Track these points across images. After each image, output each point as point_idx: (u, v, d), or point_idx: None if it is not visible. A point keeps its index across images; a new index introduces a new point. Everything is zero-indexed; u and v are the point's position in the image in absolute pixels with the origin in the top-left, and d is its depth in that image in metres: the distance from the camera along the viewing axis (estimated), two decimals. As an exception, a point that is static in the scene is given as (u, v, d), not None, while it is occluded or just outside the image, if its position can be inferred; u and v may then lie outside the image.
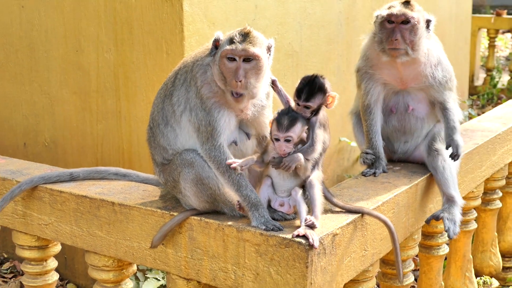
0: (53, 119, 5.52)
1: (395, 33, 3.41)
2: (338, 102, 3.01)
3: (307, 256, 2.63)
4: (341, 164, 6.65)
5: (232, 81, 2.81)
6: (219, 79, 2.87)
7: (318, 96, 2.86)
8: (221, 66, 2.85)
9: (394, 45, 3.41)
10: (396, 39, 3.40)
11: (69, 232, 3.33)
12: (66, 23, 5.26)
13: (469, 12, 9.67)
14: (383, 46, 3.47)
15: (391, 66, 3.53)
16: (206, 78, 2.93)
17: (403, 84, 3.60)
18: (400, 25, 3.42)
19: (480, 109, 11.06)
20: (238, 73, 2.80)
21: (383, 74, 3.59)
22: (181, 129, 3.01)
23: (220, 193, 2.93)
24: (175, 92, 3.02)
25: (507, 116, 4.81)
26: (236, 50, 2.81)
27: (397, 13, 3.41)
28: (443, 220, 3.50)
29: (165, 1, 4.72)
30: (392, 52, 3.44)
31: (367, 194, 3.23)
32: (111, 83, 5.12)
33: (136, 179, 3.48)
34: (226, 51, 2.83)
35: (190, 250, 2.95)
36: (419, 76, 3.55)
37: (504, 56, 15.83)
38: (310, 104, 2.86)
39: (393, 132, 3.72)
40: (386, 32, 3.45)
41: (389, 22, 3.45)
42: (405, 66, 3.51)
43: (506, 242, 5.33)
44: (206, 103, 2.91)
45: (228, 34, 2.92)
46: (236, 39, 2.84)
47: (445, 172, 3.53)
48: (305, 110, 2.87)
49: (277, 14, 5.54)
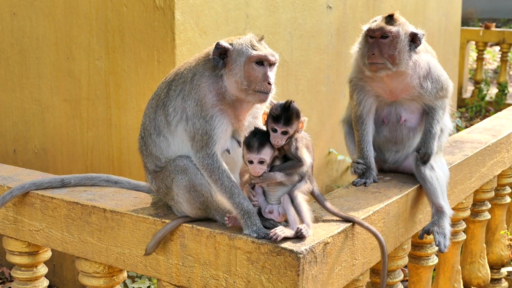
0: (43, 126, 5.51)
1: (373, 48, 3.46)
2: (328, 112, 3.04)
3: (299, 265, 2.64)
4: (330, 174, 6.67)
5: (264, 84, 2.90)
6: (241, 84, 2.90)
7: (295, 122, 2.89)
8: (248, 71, 2.90)
9: (371, 59, 3.46)
10: (373, 53, 3.45)
11: (60, 238, 3.33)
12: (58, 30, 5.26)
13: (458, 24, 9.74)
14: (364, 61, 3.52)
15: (378, 79, 3.57)
16: (215, 87, 2.95)
17: (393, 96, 3.62)
18: (379, 39, 3.46)
19: (468, 121, 11.13)
20: (269, 76, 2.91)
21: (373, 86, 3.62)
22: (174, 138, 3.02)
23: (212, 200, 2.94)
24: (170, 102, 3.02)
25: (496, 128, 4.84)
26: (267, 55, 2.89)
27: (374, 28, 3.47)
28: (433, 234, 3.53)
29: (157, 10, 4.73)
30: (371, 67, 3.49)
31: (357, 203, 3.24)
32: (102, 90, 5.12)
33: (127, 186, 3.48)
34: (257, 56, 2.89)
35: (181, 257, 2.95)
36: (407, 88, 3.57)
37: (492, 69, 15.94)
38: (289, 129, 2.87)
39: (384, 142, 3.74)
40: (367, 46, 3.50)
41: (370, 36, 3.49)
42: (391, 79, 3.54)
43: (494, 254, 5.35)
44: (209, 111, 2.93)
45: (238, 41, 2.95)
46: (259, 45, 2.93)
47: (434, 182, 3.55)
48: (282, 137, 2.87)
49: (268, 24, 5.57)
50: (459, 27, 9.87)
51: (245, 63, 2.90)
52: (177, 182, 2.97)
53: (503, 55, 11.84)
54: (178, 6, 4.69)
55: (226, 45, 2.93)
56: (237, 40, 2.97)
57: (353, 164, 3.65)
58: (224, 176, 2.88)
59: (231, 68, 2.92)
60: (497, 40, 11.78)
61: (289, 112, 2.88)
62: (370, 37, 3.49)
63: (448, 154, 4.10)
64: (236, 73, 2.91)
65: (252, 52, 2.90)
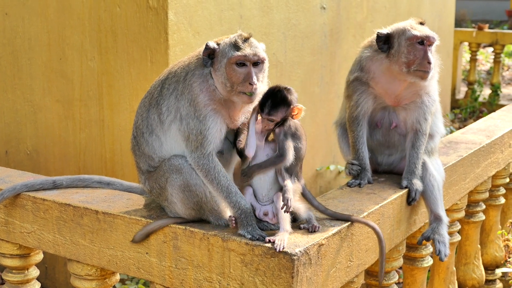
0: (36, 127, 5.48)
1: (428, 56, 3.38)
2: (321, 113, 3.03)
3: (293, 267, 2.61)
4: (324, 176, 6.65)
5: (246, 85, 2.84)
6: (225, 85, 2.88)
7: (281, 109, 2.87)
8: (229, 72, 2.86)
9: (428, 68, 3.39)
10: (430, 62, 3.38)
11: (52, 241, 3.29)
12: (50, 31, 5.23)
13: (451, 26, 9.75)
14: (412, 68, 3.40)
15: (397, 84, 3.51)
16: (206, 86, 2.93)
17: (396, 102, 3.58)
18: (428, 47, 3.40)
19: (462, 122, 11.15)
20: (252, 77, 2.84)
21: (380, 88, 3.57)
22: (167, 137, 3.00)
23: (206, 201, 2.91)
24: (163, 101, 3.00)
25: (491, 128, 4.83)
26: (248, 55, 2.83)
27: (431, 35, 3.40)
28: (433, 242, 3.55)
29: (150, 10, 4.71)
30: (424, 75, 3.41)
31: (352, 204, 3.22)
32: (94, 91, 5.09)
33: (119, 187, 3.45)
34: (236, 57, 2.84)
35: (174, 259, 2.93)
36: (414, 95, 3.53)
37: (485, 70, 15.98)
38: (273, 117, 2.87)
39: (377, 146, 3.72)
40: (417, 53, 3.40)
41: (419, 43, 3.41)
42: (409, 86, 3.50)
43: (489, 255, 5.34)
44: (202, 111, 2.91)
45: (225, 41, 2.92)
46: (242, 45, 2.86)
47: (434, 190, 3.54)
48: (268, 123, 2.88)
49: (261, 25, 5.55)
50: (453, 28, 9.89)
51: (226, 65, 2.87)
52: (171, 182, 2.94)
53: (496, 56, 11.86)
54: (171, 7, 4.67)
55: (213, 46, 2.91)
56: (224, 40, 2.93)
57: (347, 165, 3.62)
58: (220, 176, 2.86)
59: (216, 68, 2.90)
60: (490, 41, 11.80)
61: (275, 99, 2.86)
62: (419, 43, 3.41)
63: (443, 154, 4.09)
64: (221, 74, 2.89)
65: (232, 54, 2.85)
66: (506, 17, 22.61)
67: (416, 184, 3.49)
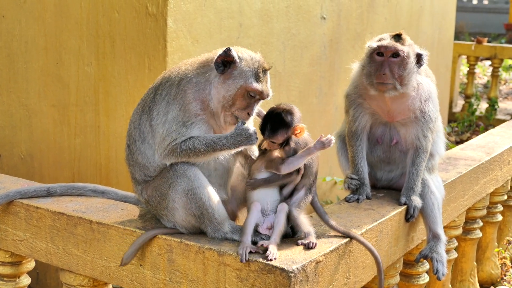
0: (30, 132, 5.42)
1: (384, 67, 3.32)
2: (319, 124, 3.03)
3: (290, 284, 2.57)
4: (319, 186, 6.60)
5: (244, 113, 2.90)
6: (225, 102, 2.89)
7: (280, 132, 2.88)
8: (237, 95, 2.88)
9: (382, 79, 3.32)
10: (385, 73, 3.31)
11: (44, 249, 3.24)
12: (47, 34, 5.18)
13: (451, 38, 9.73)
14: (371, 80, 3.37)
15: (379, 98, 3.46)
16: (201, 96, 2.89)
17: (390, 117, 3.53)
18: (389, 58, 3.32)
19: (459, 135, 11.12)
20: (253, 110, 2.93)
21: (372, 104, 3.52)
22: None
23: (209, 205, 2.87)
24: (155, 107, 2.96)
25: (490, 145, 4.80)
26: (264, 92, 2.91)
27: (387, 45, 3.31)
28: (432, 260, 3.53)
29: (149, 16, 4.66)
30: (380, 87, 3.35)
31: (350, 220, 3.18)
32: (90, 97, 5.04)
33: (114, 196, 3.40)
34: (254, 89, 2.88)
35: (168, 272, 2.87)
36: (406, 111, 3.47)
37: (482, 84, 15.97)
38: (274, 140, 2.88)
39: (378, 162, 3.67)
40: (375, 65, 3.35)
41: (378, 54, 3.35)
42: (393, 100, 3.42)
43: (484, 272, 5.31)
44: (191, 118, 2.88)
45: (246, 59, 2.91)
46: (262, 77, 2.90)
47: (434, 209, 3.51)
48: (272, 144, 2.90)
49: (261, 34, 5.51)
50: (452, 41, 9.87)
51: (240, 87, 2.86)
52: (175, 187, 2.90)
53: (494, 70, 11.85)
54: (170, 13, 4.62)
55: (235, 57, 2.86)
56: (246, 57, 2.90)
57: (346, 180, 3.58)
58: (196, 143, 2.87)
59: (226, 82, 2.87)
60: (489, 55, 11.79)
61: (274, 123, 2.86)
62: (378, 55, 3.36)
63: (442, 171, 4.05)
64: (227, 90, 2.86)
65: (252, 83, 2.86)
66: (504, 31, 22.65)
67: (415, 201, 3.45)
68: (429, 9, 8.75)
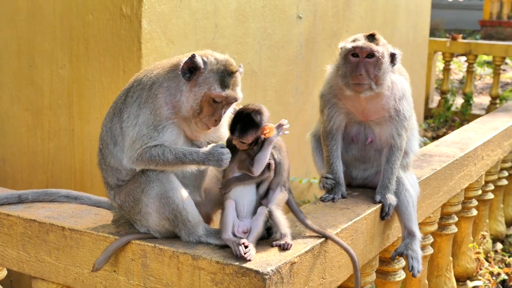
0: (3, 136, 5.36)
1: (360, 68, 3.32)
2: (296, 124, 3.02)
3: (265, 286, 2.56)
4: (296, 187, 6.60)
5: (212, 120, 2.88)
6: (192, 110, 2.86)
7: (250, 132, 2.87)
8: (203, 103, 2.85)
9: (358, 80, 3.32)
10: (361, 74, 3.31)
11: (16, 258, 3.19)
12: (20, 37, 5.12)
13: (426, 36, 9.78)
14: (347, 81, 3.36)
15: (354, 98, 3.45)
16: (172, 101, 2.87)
17: (365, 117, 3.54)
18: (365, 59, 3.33)
19: (435, 131, 11.19)
20: (221, 116, 2.88)
21: (347, 104, 3.53)
22: None
23: (182, 208, 2.85)
24: (126, 109, 2.94)
25: (464, 141, 4.83)
26: (229, 97, 2.86)
27: (362, 46, 3.31)
28: (407, 257, 3.53)
29: (124, 18, 4.62)
30: (356, 87, 3.35)
31: (325, 220, 3.17)
32: (64, 100, 5.00)
33: (87, 202, 3.36)
34: (217, 95, 2.84)
35: (143, 278, 2.85)
36: (380, 110, 3.47)
37: (457, 79, 16.09)
38: (244, 140, 2.87)
39: (353, 160, 3.67)
40: (350, 66, 3.35)
41: (353, 55, 3.35)
42: (368, 100, 3.42)
43: (460, 267, 5.35)
44: (162, 122, 2.86)
45: (212, 63, 2.87)
46: (227, 81, 2.86)
47: (409, 206, 3.51)
48: (241, 144, 2.89)
49: (237, 34, 5.50)
50: (427, 39, 9.93)
51: (204, 94, 2.84)
52: (148, 191, 2.87)
53: (469, 66, 11.94)
54: (145, 15, 4.59)
55: (200, 63, 2.83)
56: (212, 61, 2.87)
57: (321, 179, 3.58)
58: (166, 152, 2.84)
59: (193, 90, 2.85)
60: (464, 51, 11.89)
61: (244, 123, 2.86)
62: (353, 56, 3.36)
63: (417, 168, 4.06)
64: (194, 98, 2.85)
65: (215, 90, 2.84)
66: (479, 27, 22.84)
67: (390, 199, 3.45)
68: (404, 7, 8.79)
